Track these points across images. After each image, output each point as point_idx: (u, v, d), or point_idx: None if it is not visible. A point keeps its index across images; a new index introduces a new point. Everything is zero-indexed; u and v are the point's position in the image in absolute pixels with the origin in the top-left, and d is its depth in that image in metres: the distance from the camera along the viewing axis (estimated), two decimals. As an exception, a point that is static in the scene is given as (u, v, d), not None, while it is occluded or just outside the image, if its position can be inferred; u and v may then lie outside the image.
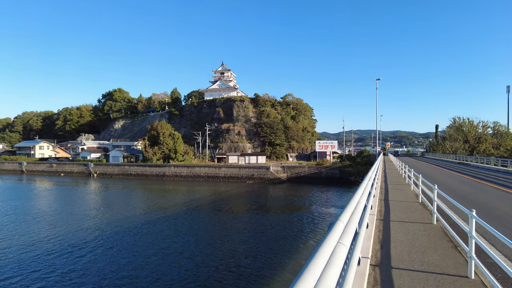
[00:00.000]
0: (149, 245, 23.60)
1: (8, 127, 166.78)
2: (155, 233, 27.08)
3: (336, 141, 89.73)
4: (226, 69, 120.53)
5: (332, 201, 44.80)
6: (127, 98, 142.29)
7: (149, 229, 28.12)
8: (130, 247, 22.96)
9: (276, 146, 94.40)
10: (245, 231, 28.43)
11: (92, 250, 22.49)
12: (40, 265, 19.56)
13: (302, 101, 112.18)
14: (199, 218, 33.83)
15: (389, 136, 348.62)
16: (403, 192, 14.25)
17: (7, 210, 36.91)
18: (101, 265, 19.64)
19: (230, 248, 22.86)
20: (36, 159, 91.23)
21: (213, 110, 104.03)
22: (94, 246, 23.36)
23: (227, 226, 30.35)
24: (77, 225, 29.74)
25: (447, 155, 63.63)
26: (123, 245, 23.59)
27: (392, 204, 11.51)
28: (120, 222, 30.80)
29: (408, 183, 16.69)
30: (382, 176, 21.44)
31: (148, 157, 75.86)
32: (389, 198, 12.78)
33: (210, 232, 27.74)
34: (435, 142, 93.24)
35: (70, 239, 25.07)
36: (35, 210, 37.12)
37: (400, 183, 17.84)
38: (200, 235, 26.79)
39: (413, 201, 12.19)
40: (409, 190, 14.92)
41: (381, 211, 10.14)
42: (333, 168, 68.43)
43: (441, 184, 17.56)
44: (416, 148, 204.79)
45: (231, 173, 67.33)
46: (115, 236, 26.07)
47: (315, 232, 27.17)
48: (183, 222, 31.30)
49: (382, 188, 15.15)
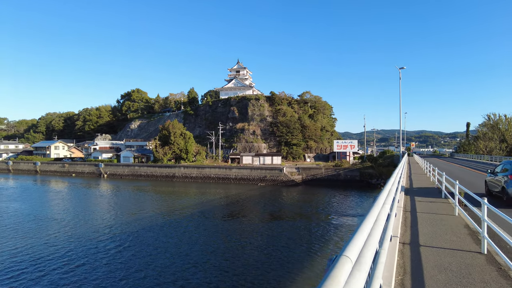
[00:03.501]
0: (153, 252, 22.50)
1: (32, 127, 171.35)
2: (157, 240, 25.43)
3: (356, 141, 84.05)
4: (241, 67, 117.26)
5: (350, 208, 40.28)
6: (145, 99, 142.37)
7: (152, 235, 26.63)
8: (135, 254, 22.07)
9: (292, 146, 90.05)
10: (247, 241, 24.86)
11: (91, 260, 20.91)
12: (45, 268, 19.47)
13: (321, 99, 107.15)
14: (203, 225, 30.71)
15: (414, 136, 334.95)
16: (442, 222, 8.72)
17: (7, 212, 35.13)
18: (104, 272, 19.01)
19: (232, 259, 21.19)
20: (51, 159, 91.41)
21: (228, 109, 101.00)
22: (94, 258, 21.30)
23: (230, 235, 27.15)
24: (76, 232, 27.66)
25: (480, 156, 57.29)
26: (128, 251, 22.64)
27: (428, 255, 6.13)
28: (123, 228, 28.94)
29: (451, 204, 10.70)
30: (406, 184, 17.02)
31: (158, 158, 73.61)
32: (421, 235, 7.45)
33: (212, 241, 25.36)
34: (466, 141, 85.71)
35: (70, 248, 23.43)
36: (33, 214, 35.02)
37: (434, 201, 11.94)
38: (202, 243, 24.71)
39: (466, 241, 7.00)
40: (450, 214, 9.34)
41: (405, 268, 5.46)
42: (352, 169, 63.41)
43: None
44: (442, 149, 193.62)
45: (242, 174, 63.75)
46: (118, 243, 24.38)
47: (323, 250, 23.01)
48: (185, 230, 28.71)
49: (406, 211, 9.80)
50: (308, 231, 28.14)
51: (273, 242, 24.88)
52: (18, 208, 38.03)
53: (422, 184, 17.74)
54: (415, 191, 14.27)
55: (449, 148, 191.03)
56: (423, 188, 16.10)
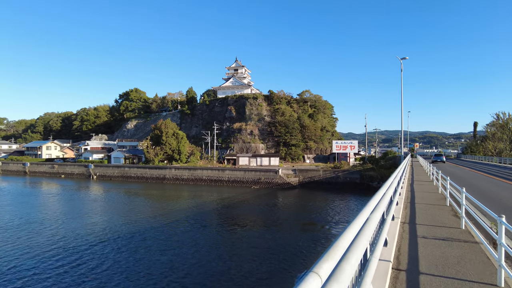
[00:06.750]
0: (135, 261, 20.87)
1: (30, 127, 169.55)
2: (140, 250, 23.02)
3: (357, 141, 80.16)
4: (240, 66, 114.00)
5: (347, 214, 36.83)
6: (143, 98, 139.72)
7: (133, 244, 24.40)
8: (116, 265, 20.25)
9: (291, 146, 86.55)
10: (229, 252, 21.66)
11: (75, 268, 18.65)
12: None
13: (321, 98, 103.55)
14: (188, 234, 27.50)
15: (418, 136, 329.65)
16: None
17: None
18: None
19: (212, 271, 18.39)
20: (42, 160, 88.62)
21: (225, 108, 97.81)
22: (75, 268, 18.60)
23: (211, 245, 24.04)
24: (51, 241, 24.90)
25: (489, 158, 53.55)
26: (108, 260, 20.95)
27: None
28: (103, 236, 26.38)
29: (480, 246, 6.31)
30: (406, 203, 11.65)
31: (150, 158, 70.45)
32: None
33: (196, 252, 22.55)
34: (474, 142, 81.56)
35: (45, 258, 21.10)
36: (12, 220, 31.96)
37: (450, 238, 7.00)
38: (184, 253, 22.32)
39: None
40: (486, 272, 4.99)
41: None
42: (352, 172, 59.81)
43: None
44: (447, 149, 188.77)
45: (235, 176, 60.36)
46: (97, 252, 22.21)
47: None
48: (168, 239, 25.78)
49: (400, 269, 5.12)
50: (295, 242, 24.75)
51: (255, 254, 21.59)
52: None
53: (427, 198, 13.98)
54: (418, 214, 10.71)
55: (453, 149, 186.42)
56: (429, 205, 11.30)
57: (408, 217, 8.84)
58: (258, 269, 19.35)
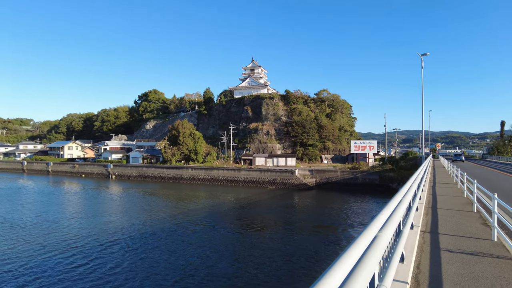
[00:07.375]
0: (153, 258, 21.46)
1: (54, 128, 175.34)
2: (154, 249, 23.44)
3: (376, 141, 78.00)
4: (256, 65, 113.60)
5: (365, 217, 35.69)
6: (161, 99, 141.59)
7: (151, 243, 24.91)
8: (133, 264, 20.62)
9: (308, 147, 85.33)
10: (245, 254, 21.32)
11: (93, 265, 19.48)
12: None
13: (339, 98, 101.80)
14: (205, 234, 27.70)
15: (440, 136, 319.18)
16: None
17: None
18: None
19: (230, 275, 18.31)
20: (64, 160, 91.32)
21: (242, 108, 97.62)
22: (93, 265, 19.16)
23: (228, 246, 23.86)
24: (70, 237, 25.39)
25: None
26: (124, 263, 20.75)
27: None
28: (122, 237, 26.52)
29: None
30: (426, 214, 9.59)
31: (167, 158, 71.10)
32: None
33: (212, 253, 22.57)
34: (501, 142, 77.78)
35: (67, 255, 21.81)
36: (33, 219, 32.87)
37: (472, 234, 7.16)
38: (199, 254, 22.37)
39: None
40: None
41: None
42: (371, 172, 58.19)
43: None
44: (471, 150, 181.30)
45: (251, 176, 59.95)
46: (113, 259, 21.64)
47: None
48: (183, 239, 25.88)
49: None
50: (312, 246, 24.05)
51: (273, 258, 21.10)
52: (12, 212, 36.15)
53: (450, 202, 13.10)
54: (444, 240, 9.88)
55: (478, 149, 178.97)
56: (453, 211, 10.09)
57: (429, 225, 8.04)
58: (274, 274, 18.83)
